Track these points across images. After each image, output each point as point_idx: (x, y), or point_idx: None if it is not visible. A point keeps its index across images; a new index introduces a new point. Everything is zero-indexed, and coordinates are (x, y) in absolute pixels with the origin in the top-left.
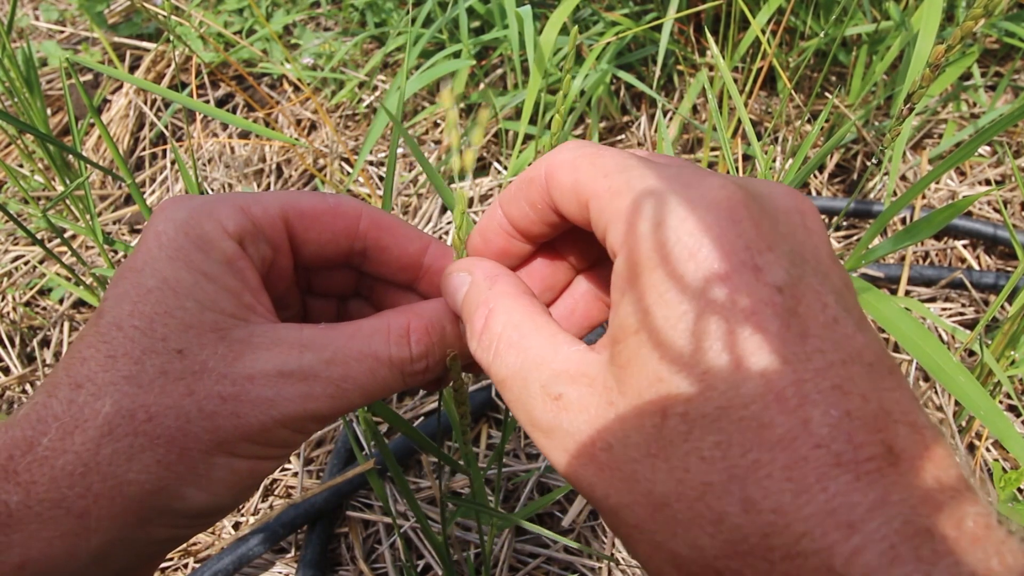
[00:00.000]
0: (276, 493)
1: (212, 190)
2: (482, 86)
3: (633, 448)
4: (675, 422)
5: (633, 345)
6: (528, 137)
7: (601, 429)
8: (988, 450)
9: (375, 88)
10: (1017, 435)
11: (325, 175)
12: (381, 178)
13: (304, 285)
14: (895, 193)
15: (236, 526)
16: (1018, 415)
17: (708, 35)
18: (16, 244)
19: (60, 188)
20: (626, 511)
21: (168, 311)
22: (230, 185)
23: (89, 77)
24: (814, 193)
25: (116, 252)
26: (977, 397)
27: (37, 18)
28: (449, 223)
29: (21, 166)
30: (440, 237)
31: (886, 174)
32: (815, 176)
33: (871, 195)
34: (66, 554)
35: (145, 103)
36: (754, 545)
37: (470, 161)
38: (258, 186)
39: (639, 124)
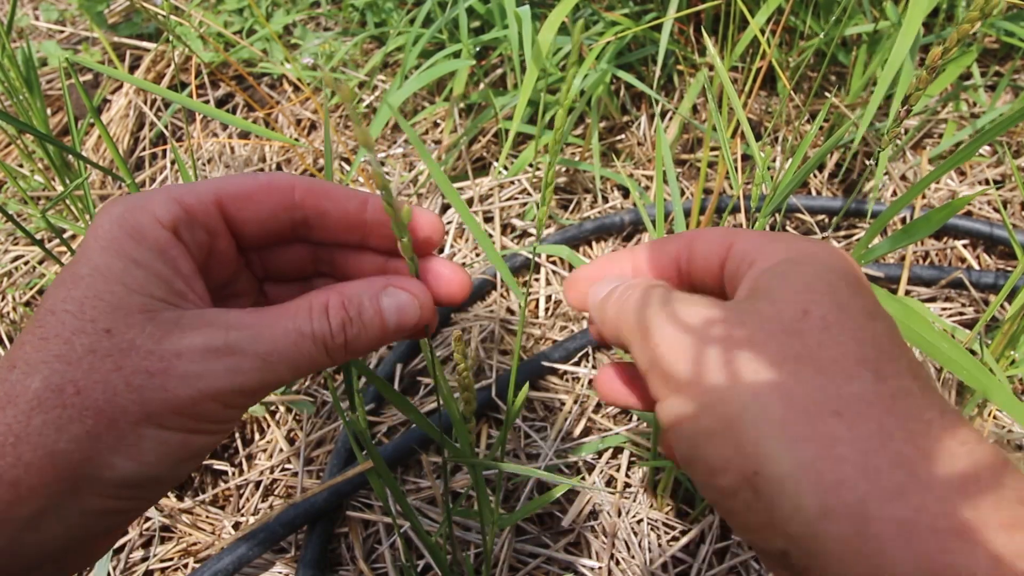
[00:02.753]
0: (276, 493)
1: None
2: (482, 86)
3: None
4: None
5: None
6: (528, 137)
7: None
8: None
9: (375, 88)
10: (1020, 405)
11: (325, 175)
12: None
13: (260, 271)
14: (894, 193)
15: (236, 526)
16: None
17: (707, 36)
18: (16, 244)
19: (60, 188)
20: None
21: (97, 294)
22: None
23: (89, 77)
24: (814, 193)
25: None
26: (976, 371)
27: (37, 18)
28: (449, 223)
29: (21, 166)
30: None
31: (885, 174)
32: (815, 175)
33: (871, 195)
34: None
35: (145, 103)
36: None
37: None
38: None
39: (639, 124)
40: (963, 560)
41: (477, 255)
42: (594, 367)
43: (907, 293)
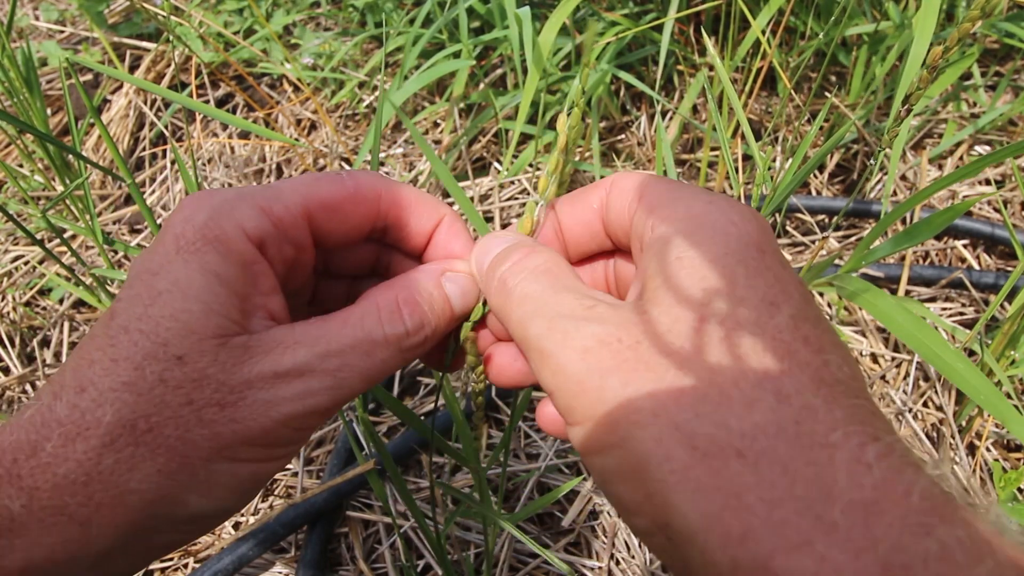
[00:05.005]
0: (276, 493)
1: None
2: (482, 86)
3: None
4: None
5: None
6: (528, 137)
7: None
8: (988, 450)
9: (375, 88)
10: (1018, 417)
11: None
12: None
13: (321, 267)
14: (894, 193)
15: (236, 526)
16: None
17: (707, 37)
18: (16, 244)
19: (60, 188)
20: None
21: (173, 314)
22: (230, 185)
23: (89, 77)
24: (814, 192)
25: (116, 252)
26: (977, 382)
27: (37, 18)
28: None
29: (21, 166)
30: None
31: (884, 172)
32: (815, 176)
33: (871, 195)
34: (68, 559)
35: (145, 103)
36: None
37: (543, 188)
38: None
39: (639, 124)
40: None
41: None
42: None
43: (907, 293)
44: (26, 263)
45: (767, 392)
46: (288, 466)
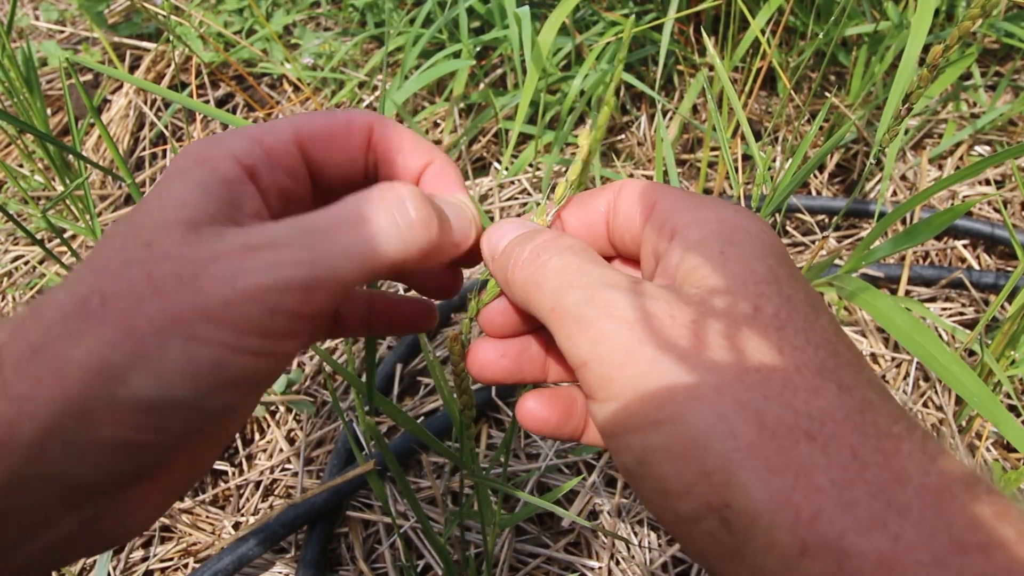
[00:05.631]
0: (276, 493)
1: None
2: (482, 86)
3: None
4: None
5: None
6: (528, 137)
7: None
8: (988, 450)
9: (375, 88)
10: (1014, 423)
11: None
12: None
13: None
14: (894, 193)
15: (236, 526)
16: (1018, 415)
17: (706, 37)
18: (16, 244)
19: (60, 188)
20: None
21: (151, 211)
22: None
23: (89, 77)
24: (814, 192)
25: None
26: (973, 386)
27: (37, 18)
28: None
29: (21, 166)
30: None
31: (880, 166)
32: (815, 176)
33: (871, 195)
34: None
35: (145, 103)
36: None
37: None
38: None
39: (639, 124)
40: None
41: None
42: None
43: (907, 293)
44: (26, 263)
45: (830, 382)
46: (288, 466)
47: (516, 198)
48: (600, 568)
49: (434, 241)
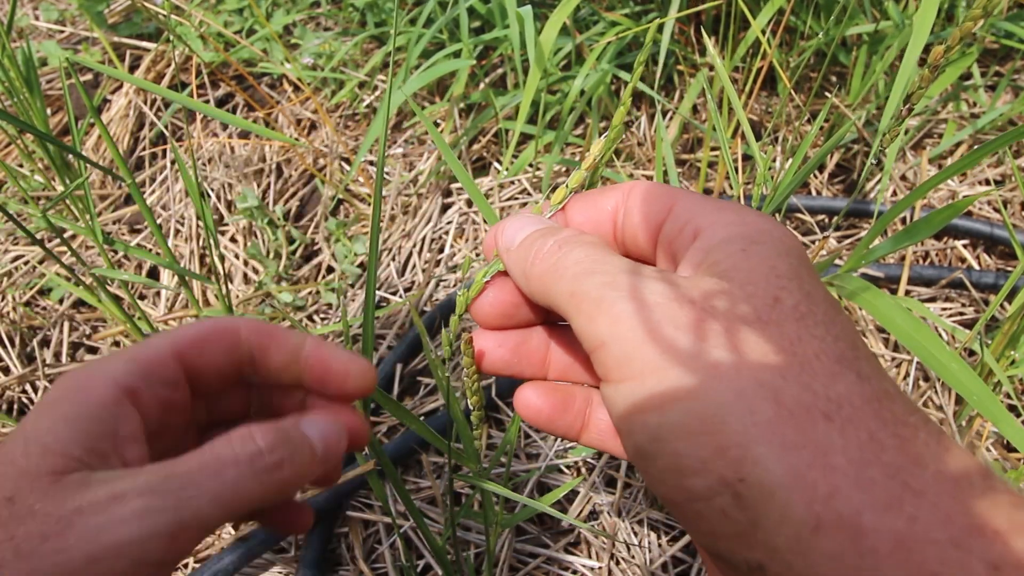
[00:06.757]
0: None
1: (212, 190)
2: (482, 86)
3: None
4: None
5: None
6: (528, 137)
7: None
8: (988, 450)
9: (375, 88)
10: (1014, 423)
11: (325, 175)
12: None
13: (202, 419)
14: (894, 193)
15: (236, 526)
16: (1018, 415)
17: (707, 37)
18: (16, 244)
19: (60, 188)
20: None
21: (12, 460)
22: (230, 185)
23: (89, 77)
24: (814, 192)
25: (116, 252)
26: (973, 386)
27: (37, 18)
28: (449, 223)
29: (21, 166)
30: (440, 236)
31: (880, 166)
32: (815, 176)
33: (871, 195)
34: None
35: (145, 103)
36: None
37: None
38: (258, 186)
39: (639, 124)
40: (962, 572)
41: (477, 255)
42: None
43: (907, 293)
44: (26, 263)
45: (849, 370)
46: None
47: (516, 198)
48: (600, 568)
49: (287, 479)
